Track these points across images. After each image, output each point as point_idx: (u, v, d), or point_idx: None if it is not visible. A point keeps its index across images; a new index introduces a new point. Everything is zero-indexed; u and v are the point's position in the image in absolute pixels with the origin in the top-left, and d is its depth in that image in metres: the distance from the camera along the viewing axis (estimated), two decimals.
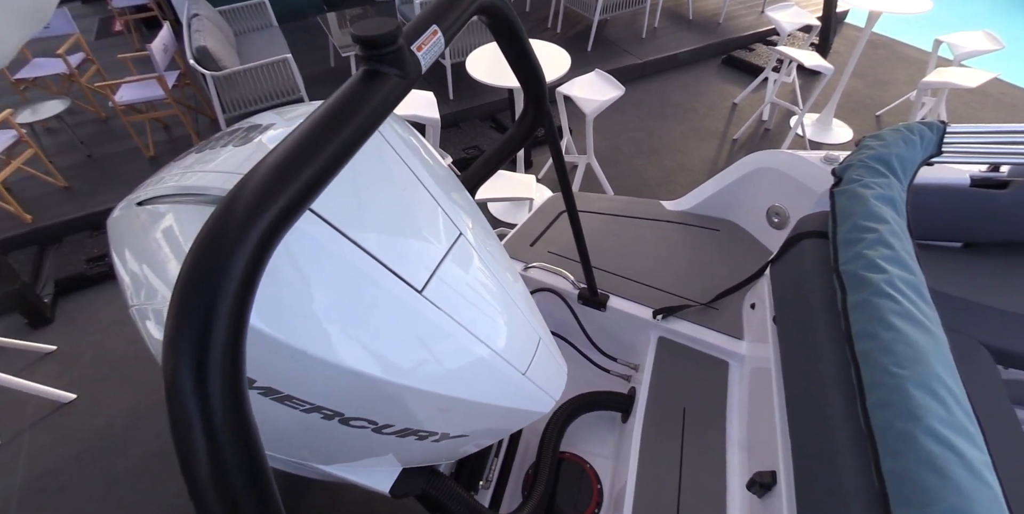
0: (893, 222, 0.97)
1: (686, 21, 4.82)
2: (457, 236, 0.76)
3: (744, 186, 1.62)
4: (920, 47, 4.36)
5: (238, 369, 0.37)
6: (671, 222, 1.68)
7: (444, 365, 0.69)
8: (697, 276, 1.47)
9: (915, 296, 0.85)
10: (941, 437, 0.66)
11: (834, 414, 0.80)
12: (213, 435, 0.35)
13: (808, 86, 3.92)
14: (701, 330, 1.32)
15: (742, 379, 1.23)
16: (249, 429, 0.37)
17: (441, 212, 0.74)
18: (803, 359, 0.94)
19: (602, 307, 1.41)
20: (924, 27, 4.62)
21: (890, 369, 0.74)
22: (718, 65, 4.36)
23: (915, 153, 1.20)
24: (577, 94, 2.74)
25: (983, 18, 4.97)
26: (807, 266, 1.08)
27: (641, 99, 3.93)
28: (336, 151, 0.47)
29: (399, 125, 0.79)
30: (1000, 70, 3.02)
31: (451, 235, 0.74)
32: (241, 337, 0.38)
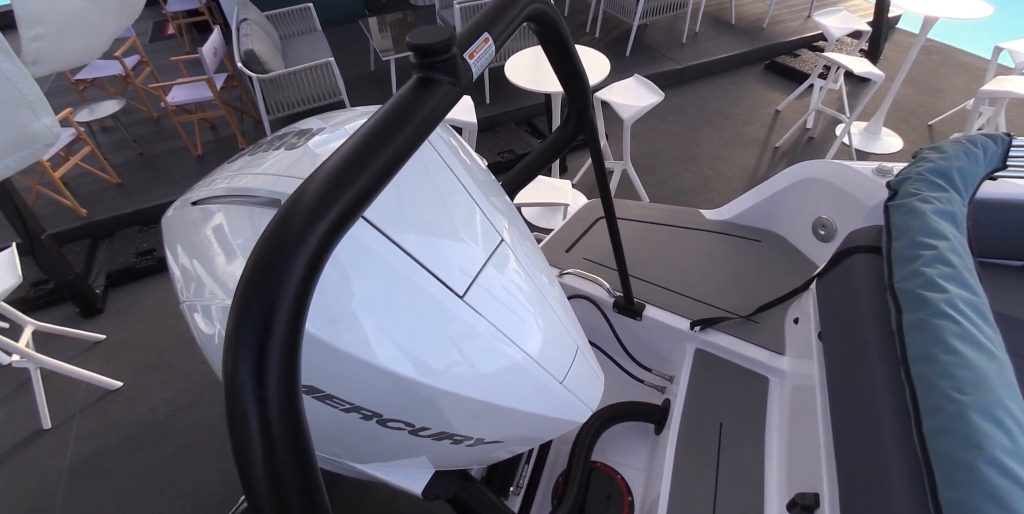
0: (953, 239, 0.94)
1: (728, 26, 4.75)
2: (499, 242, 0.77)
3: (789, 197, 1.59)
4: (978, 54, 4.17)
5: (294, 370, 0.38)
6: (711, 232, 1.65)
7: (482, 370, 0.70)
8: (737, 288, 1.45)
9: (977, 318, 0.81)
10: (1006, 469, 0.63)
11: (886, 438, 0.77)
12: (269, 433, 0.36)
13: (855, 93, 3.80)
14: (740, 343, 1.30)
15: (783, 396, 1.20)
16: (302, 429, 0.38)
17: (482, 216, 0.75)
18: (852, 379, 0.91)
19: (638, 316, 1.39)
20: (983, 33, 4.43)
21: (950, 394, 0.71)
22: (761, 71, 4.27)
23: (978, 167, 1.15)
24: (615, 99, 2.73)
25: None
26: (858, 282, 1.05)
27: (680, 105, 3.88)
28: (391, 158, 0.48)
29: (440, 126, 0.81)
30: None
31: (493, 240, 0.75)
32: (298, 338, 0.39)
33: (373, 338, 0.59)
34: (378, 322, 0.60)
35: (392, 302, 0.61)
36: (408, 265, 0.62)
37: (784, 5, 4.99)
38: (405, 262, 0.62)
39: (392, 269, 0.61)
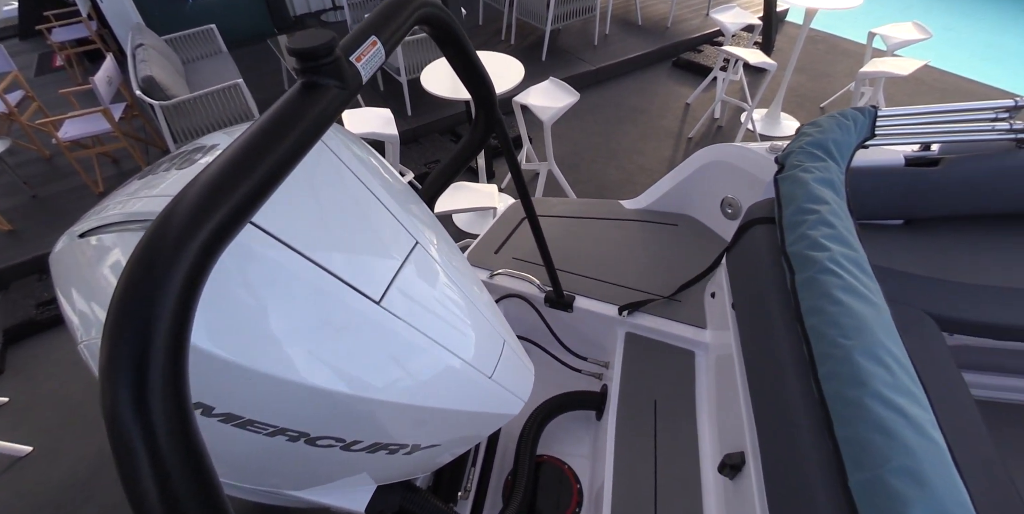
0: (833, 203, 1.03)
1: (636, 27, 4.98)
2: (413, 245, 0.77)
3: (697, 181, 1.68)
4: (856, 40, 4.60)
5: (181, 393, 0.36)
6: (631, 220, 1.72)
7: (408, 374, 0.69)
8: (659, 271, 1.51)
9: (857, 271, 0.89)
10: (887, 400, 0.69)
11: (791, 390, 0.83)
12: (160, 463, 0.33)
13: (755, 83, 4.08)
14: (666, 323, 1.36)
15: (708, 367, 1.26)
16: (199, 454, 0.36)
17: (394, 221, 0.75)
18: (760, 340, 0.98)
19: (569, 308, 1.43)
20: (859, 21, 4.88)
21: (837, 341, 0.78)
22: (669, 67, 4.51)
23: (850, 137, 1.27)
24: (533, 102, 2.80)
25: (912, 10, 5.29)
26: (758, 251, 1.13)
27: (597, 104, 4.03)
28: (275, 164, 0.47)
29: (354, 144, 0.80)
30: (930, 57, 3.21)
31: (407, 245, 0.75)
32: (182, 359, 0.37)
33: (291, 354, 0.57)
34: (294, 337, 0.58)
35: (307, 316, 0.59)
36: (318, 276, 0.61)
37: (684, 5, 5.30)
38: (315, 273, 0.61)
39: (306, 284, 0.59)
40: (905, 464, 0.63)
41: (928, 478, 0.61)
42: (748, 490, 0.88)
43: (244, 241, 0.56)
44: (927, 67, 3.21)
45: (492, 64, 2.96)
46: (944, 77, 3.91)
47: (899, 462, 0.63)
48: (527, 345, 1.54)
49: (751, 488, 0.87)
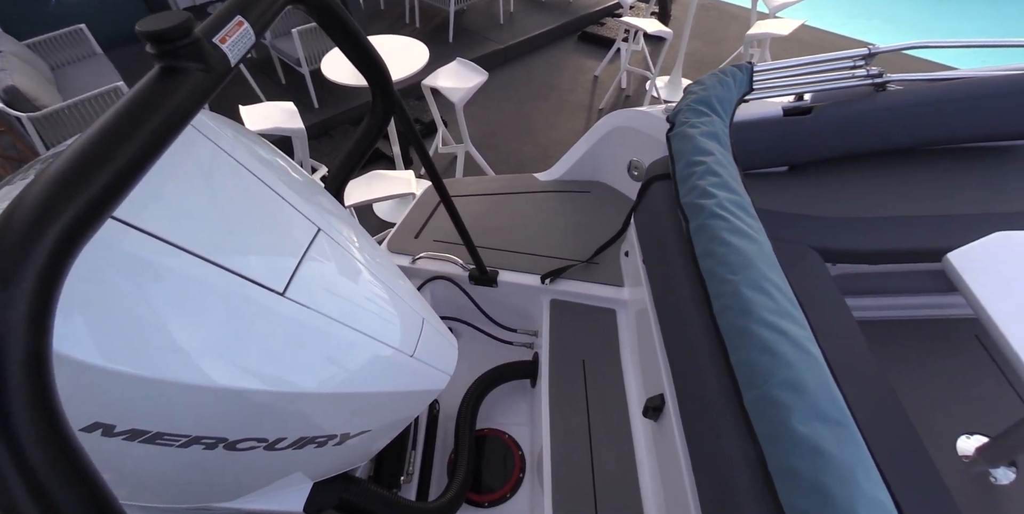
0: (718, 154, 1.09)
1: (540, 3, 4.98)
2: (315, 233, 0.74)
3: (603, 147, 1.73)
4: (743, 5, 4.83)
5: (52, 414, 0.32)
6: (545, 192, 1.75)
7: (323, 361, 0.68)
8: (576, 237, 1.55)
9: (742, 213, 0.95)
10: (771, 324, 0.75)
11: (694, 328, 0.89)
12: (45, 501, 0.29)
13: (656, 51, 4.19)
14: (587, 285, 1.40)
15: (628, 322, 1.32)
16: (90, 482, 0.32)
17: (295, 213, 0.72)
18: (667, 288, 1.03)
19: (493, 283, 1.44)
20: None
21: (726, 277, 0.84)
22: (575, 42, 4.56)
23: (731, 92, 1.34)
24: (443, 84, 2.75)
25: None
26: (659, 207, 1.18)
27: (509, 83, 4.02)
28: (135, 153, 0.44)
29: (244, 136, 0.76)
30: (806, 17, 3.43)
31: (308, 233, 0.73)
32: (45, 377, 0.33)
33: (193, 357, 0.54)
34: (195, 339, 0.55)
35: (206, 315, 0.56)
36: (213, 274, 0.57)
37: None
38: (209, 271, 0.57)
39: (196, 281, 0.56)
40: (786, 376, 0.69)
41: (806, 385, 0.68)
42: (669, 428, 0.94)
43: (125, 245, 0.52)
44: (804, 26, 3.43)
45: (395, 48, 2.87)
46: (819, 34, 4.20)
47: (781, 376, 0.69)
48: (458, 325, 1.55)
49: (672, 426, 0.92)
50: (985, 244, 1.02)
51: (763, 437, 0.68)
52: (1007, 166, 1.50)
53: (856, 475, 0.60)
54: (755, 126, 1.50)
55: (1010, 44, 1.50)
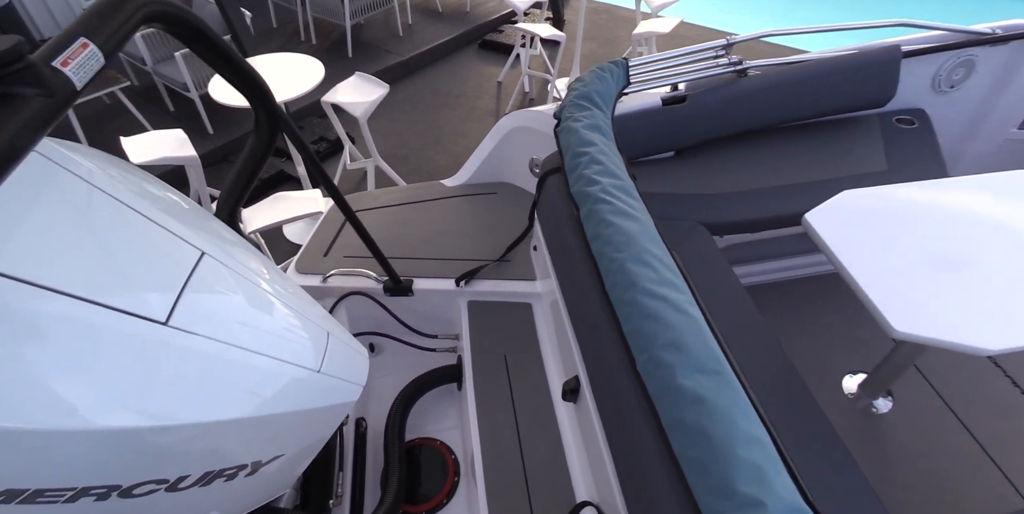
0: (601, 144, 1.15)
1: (437, 14, 5.03)
2: (199, 257, 0.71)
3: (504, 149, 1.78)
4: (629, 7, 5.13)
5: None
6: (454, 197, 1.77)
7: (221, 388, 0.65)
8: (488, 238, 1.58)
9: (625, 196, 1.02)
10: (654, 293, 0.81)
11: (594, 308, 0.94)
12: None
13: (554, 55, 4.37)
14: (501, 283, 1.43)
15: (544, 312, 1.37)
16: None
17: (175, 240, 0.69)
18: (569, 274, 1.08)
19: (409, 292, 1.44)
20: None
21: (612, 256, 0.89)
22: (476, 49, 4.64)
23: (610, 87, 1.42)
24: (343, 100, 2.71)
25: None
26: (555, 199, 1.23)
27: (414, 94, 4.03)
28: None
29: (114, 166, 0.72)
30: (684, 14, 3.71)
31: (191, 259, 0.70)
32: None
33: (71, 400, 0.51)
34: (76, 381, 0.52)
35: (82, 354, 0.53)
36: (85, 310, 0.54)
37: None
38: (80, 308, 0.53)
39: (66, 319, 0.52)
40: (669, 338, 0.75)
41: (687, 344, 0.74)
42: (586, 407, 0.98)
43: None
44: (683, 23, 3.70)
45: (290, 66, 2.79)
46: (698, 29, 4.55)
47: (665, 338, 0.75)
48: (380, 339, 1.53)
49: (588, 405, 0.96)
50: (834, 203, 1.15)
51: (655, 396, 0.73)
52: (852, 134, 1.70)
53: (733, 416, 0.66)
54: (640, 117, 1.61)
55: (843, 27, 1.70)
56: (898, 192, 1.19)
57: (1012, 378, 1.49)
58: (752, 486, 0.60)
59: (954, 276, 1.01)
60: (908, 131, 1.69)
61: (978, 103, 1.85)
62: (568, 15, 4.95)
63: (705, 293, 1.24)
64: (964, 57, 1.74)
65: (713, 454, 0.63)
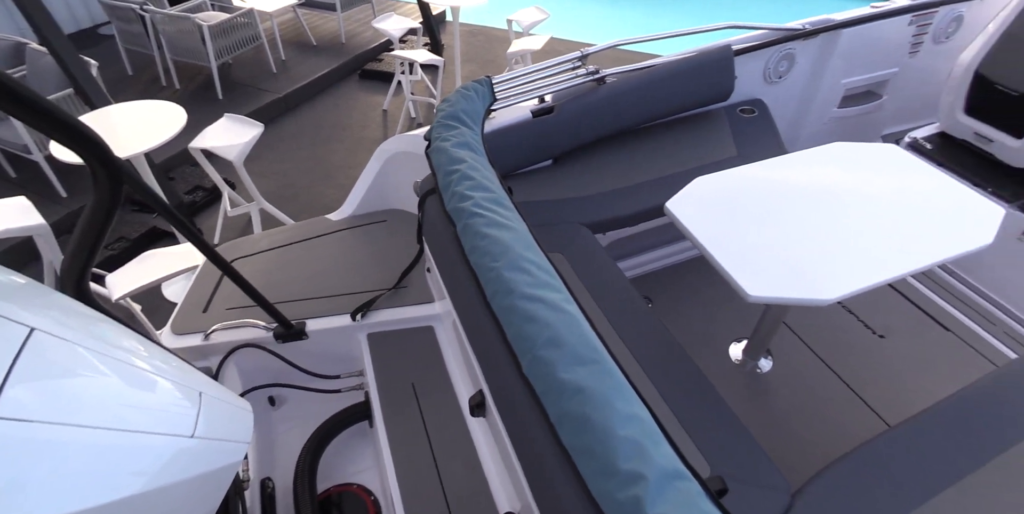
0: (471, 160, 1.20)
1: (312, 47, 4.98)
2: (27, 334, 0.65)
3: (386, 176, 1.79)
4: (502, 28, 5.39)
5: None
6: (341, 230, 1.74)
7: (77, 475, 0.59)
8: (382, 267, 1.57)
9: (498, 207, 1.06)
10: (530, 296, 0.85)
11: (483, 320, 0.96)
12: None
13: (435, 79, 4.48)
14: (400, 310, 1.43)
15: (446, 332, 1.37)
16: None
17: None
18: (458, 290, 1.10)
19: (302, 335, 1.39)
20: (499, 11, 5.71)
21: (489, 266, 0.93)
22: (357, 80, 4.64)
23: (476, 105, 1.49)
24: (214, 144, 2.60)
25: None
26: (435, 218, 1.26)
27: (297, 131, 3.94)
28: None
29: None
30: (553, 31, 3.96)
31: (18, 337, 0.63)
32: None
33: None
34: None
35: None
36: None
37: (351, 20, 5.49)
38: None
39: None
40: (548, 336, 0.78)
41: (564, 340, 0.78)
42: (493, 419, 0.99)
43: None
44: (553, 39, 3.95)
45: (146, 115, 2.64)
46: (567, 44, 4.88)
47: (544, 337, 0.79)
48: (278, 390, 1.46)
49: (495, 417, 0.98)
50: (689, 190, 1.28)
51: (541, 394, 0.76)
52: (705, 127, 1.90)
53: (611, 399, 0.70)
54: (513, 130, 1.70)
55: (681, 33, 1.90)
56: (743, 173, 1.35)
57: (862, 320, 1.73)
58: (632, 462, 0.64)
59: (792, 239, 1.15)
60: (750, 119, 1.92)
61: (803, 89, 2.14)
62: (445, 39, 5.10)
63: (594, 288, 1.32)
64: (785, 51, 2.00)
65: (596, 438, 0.67)
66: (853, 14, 2.03)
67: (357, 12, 5.53)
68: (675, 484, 0.63)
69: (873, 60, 2.18)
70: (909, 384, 1.59)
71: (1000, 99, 1.79)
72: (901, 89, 2.35)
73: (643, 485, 0.62)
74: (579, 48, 1.81)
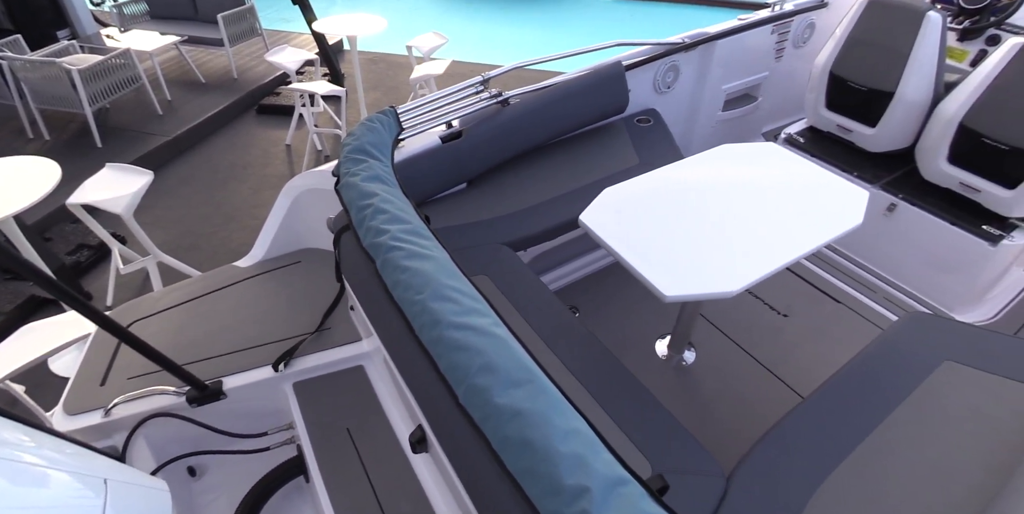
0: (384, 193, 1.20)
1: (201, 85, 4.78)
2: None
3: (297, 214, 1.74)
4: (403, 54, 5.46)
5: None
6: (252, 277, 1.67)
7: None
8: (301, 311, 1.52)
9: (416, 238, 1.07)
10: (459, 325, 0.86)
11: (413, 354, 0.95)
12: None
13: (338, 109, 4.44)
14: (326, 353, 1.38)
15: (378, 370, 1.35)
16: None
17: None
18: (385, 327, 1.09)
19: (219, 395, 1.31)
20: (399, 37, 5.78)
21: (414, 299, 0.93)
22: (255, 116, 4.50)
23: (383, 136, 1.49)
24: (96, 198, 2.42)
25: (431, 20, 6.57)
26: (352, 256, 1.24)
27: (191, 174, 3.75)
28: None
29: None
30: (454, 55, 4.06)
31: None
32: None
33: None
34: None
35: None
36: None
37: (243, 54, 5.33)
38: None
39: None
40: (481, 363, 0.79)
41: (497, 364, 0.79)
42: (437, 454, 0.98)
43: None
44: (455, 63, 4.05)
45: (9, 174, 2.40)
46: (470, 67, 5.02)
47: (477, 364, 0.80)
48: (200, 459, 1.36)
49: (437, 451, 0.97)
50: (599, 201, 1.36)
51: (480, 422, 0.77)
52: (608, 139, 2.03)
53: (549, 417, 0.72)
54: (424, 157, 1.72)
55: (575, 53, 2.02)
56: (645, 180, 1.45)
57: (768, 303, 1.92)
58: (576, 476, 0.66)
59: (696, 238, 1.25)
60: (647, 128, 2.07)
61: (690, 96, 2.35)
62: (345, 68, 5.08)
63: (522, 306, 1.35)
64: (670, 63, 2.19)
65: (538, 459, 0.69)
66: (724, 27, 2.27)
67: (247, 46, 5.38)
68: (618, 491, 0.66)
69: (746, 66, 2.44)
70: (814, 356, 1.78)
71: (852, 94, 2.07)
72: (773, 90, 2.65)
73: (588, 498, 0.64)
74: (482, 70, 1.88)
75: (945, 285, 1.96)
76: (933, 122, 1.88)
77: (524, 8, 6.85)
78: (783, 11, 2.35)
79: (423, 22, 6.48)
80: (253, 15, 5.07)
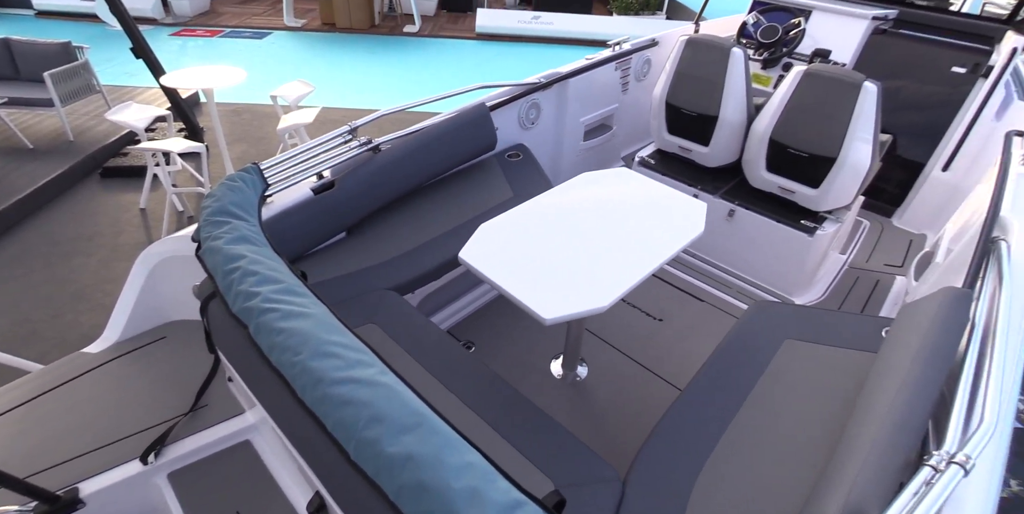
0: (252, 254, 1.18)
1: (28, 151, 4.33)
2: None
3: (156, 285, 1.64)
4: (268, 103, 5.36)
5: None
6: (108, 362, 1.53)
7: None
8: (172, 391, 1.42)
9: (290, 297, 1.06)
10: (342, 380, 0.87)
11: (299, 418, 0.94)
12: None
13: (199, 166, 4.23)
14: (205, 434, 1.30)
15: (267, 441, 1.29)
16: None
17: None
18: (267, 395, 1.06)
19: (76, 504, 1.17)
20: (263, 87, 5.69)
21: (293, 360, 0.92)
22: (99, 180, 4.15)
23: (248, 194, 1.47)
24: None
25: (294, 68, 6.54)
26: (223, 324, 1.19)
27: (24, 252, 3.35)
28: None
29: None
30: (323, 102, 4.08)
31: None
32: None
33: None
34: None
35: None
36: None
37: (79, 113, 4.92)
38: None
39: None
40: (368, 415, 0.81)
41: (385, 414, 0.81)
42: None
43: None
44: (325, 109, 4.07)
45: None
46: (340, 113, 5.06)
47: (365, 417, 0.81)
48: None
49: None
50: (476, 236, 1.45)
51: (374, 476, 0.78)
52: (482, 176, 2.17)
53: (441, 457, 0.75)
54: (296, 211, 1.71)
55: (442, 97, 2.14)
56: (517, 213, 1.57)
57: (643, 310, 2.19)
58: (472, 509, 0.70)
59: (566, 261, 1.38)
60: (517, 162, 2.25)
61: (554, 130, 2.60)
62: (204, 122, 4.87)
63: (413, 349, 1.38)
64: (532, 101, 2.41)
65: (434, 500, 0.71)
66: (574, 66, 2.55)
67: (84, 104, 5.00)
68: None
69: (599, 100, 2.78)
70: (688, 353, 2.03)
71: (685, 119, 2.43)
72: (625, 119, 3.05)
73: None
74: (355, 115, 1.94)
75: (782, 274, 2.33)
76: (751, 138, 2.26)
77: (390, 51, 7.06)
78: (622, 50, 2.72)
79: (286, 70, 6.43)
80: (88, 71, 4.73)
